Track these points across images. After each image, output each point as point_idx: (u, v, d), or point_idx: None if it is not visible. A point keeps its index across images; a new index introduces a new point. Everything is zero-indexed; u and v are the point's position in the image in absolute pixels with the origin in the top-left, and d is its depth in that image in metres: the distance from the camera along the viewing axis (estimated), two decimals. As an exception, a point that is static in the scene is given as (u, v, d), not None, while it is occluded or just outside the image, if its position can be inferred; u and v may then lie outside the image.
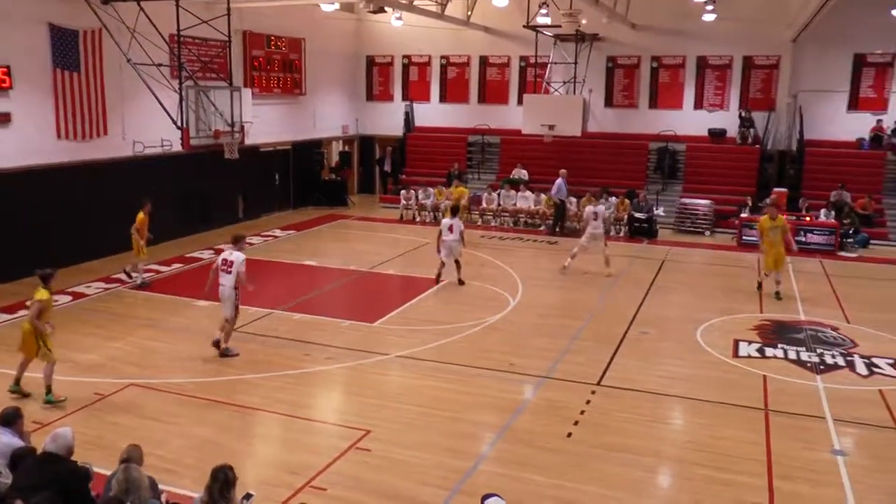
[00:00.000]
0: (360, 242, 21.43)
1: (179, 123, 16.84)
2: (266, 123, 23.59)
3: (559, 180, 23.00)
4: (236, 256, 11.97)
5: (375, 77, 30.34)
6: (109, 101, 18.40)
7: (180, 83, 16.66)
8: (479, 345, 12.78)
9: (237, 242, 12.25)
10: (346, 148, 30.07)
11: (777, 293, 16.14)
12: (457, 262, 16.66)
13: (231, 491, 5.80)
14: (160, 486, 6.71)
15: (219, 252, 18.83)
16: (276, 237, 21.70)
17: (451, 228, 16.57)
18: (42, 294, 9.86)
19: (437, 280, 16.58)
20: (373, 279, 17.31)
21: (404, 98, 29.86)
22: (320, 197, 26.99)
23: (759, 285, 16.62)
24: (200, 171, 20.89)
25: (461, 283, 16.58)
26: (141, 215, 15.85)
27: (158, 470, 7.61)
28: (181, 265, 17.99)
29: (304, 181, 26.87)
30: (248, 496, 6.12)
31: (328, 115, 28.23)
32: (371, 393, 10.69)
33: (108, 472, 6.30)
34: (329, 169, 28.54)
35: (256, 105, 21.80)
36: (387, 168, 29.53)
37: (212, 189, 21.86)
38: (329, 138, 28.89)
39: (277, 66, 24.81)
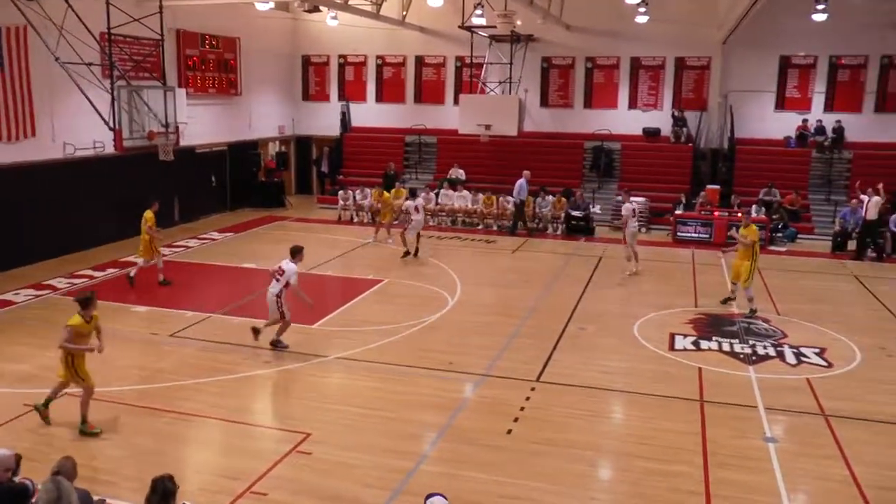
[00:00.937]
0: (299, 244, 21.23)
1: (112, 124, 16.54)
2: (201, 124, 23.26)
3: (521, 181, 23.09)
4: (289, 267, 12.15)
5: (311, 77, 30.18)
6: (37, 101, 17.87)
7: (112, 83, 16.35)
8: (419, 344, 12.85)
9: (294, 255, 12.43)
10: (283, 148, 29.81)
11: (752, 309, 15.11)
12: (418, 235, 18.97)
13: (171, 501, 5.72)
14: (97, 498, 6.62)
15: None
16: (213, 240, 21.44)
17: (416, 209, 18.77)
18: (74, 319, 9.21)
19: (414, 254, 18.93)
20: (312, 281, 17.16)
21: (340, 98, 29.79)
22: (259, 198, 26.76)
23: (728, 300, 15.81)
24: (134, 174, 20.47)
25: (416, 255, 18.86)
26: (150, 214, 16.02)
27: (96, 482, 7.52)
28: (116, 270, 17.62)
29: (240, 183, 26.55)
30: None
31: (264, 116, 27.98)
32: (311, 395, 10.68)
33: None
34: (266, 170, 28.25)
35: (191, 105, 21.49)
36: (324, 168, 29.38)
37: (146, 192, 21.33)
38: (265, 139, 28.61)
39: (212, 65, 24.49)
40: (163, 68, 18.82)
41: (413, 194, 20.06)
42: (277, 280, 12.14)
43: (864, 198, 20.83)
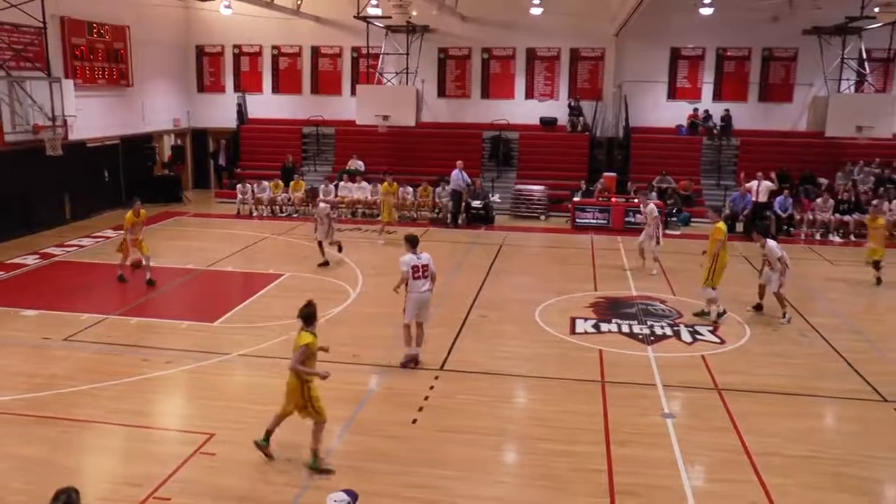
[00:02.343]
0: (197, 240, 20.86)
1: (-9, 118, 15.85)
2: (92, 117, 22.50)
3: (456, 171, 23.20)
4: (427, 258, 11.61)
5: (206, 68, 29.54)
6: None
7: (-11, 73, 15.64)
8: (322, 338, 12.64)
9: (416, 245, 11.73)
10: (179, 142, 29.04)
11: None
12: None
13: None
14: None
15: (46, 256, 18.07)
16: (108, 238, 20.68)
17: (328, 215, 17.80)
18: (307, 338, 8.36)
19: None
20: (212, 277, 16.92)
21: (236, 89, 29.28)
22: (155, 192, 25.96)
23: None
24: (19, 170, 19.62)
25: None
26: (129, 215, 15.47)
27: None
28: (2, 273, 16.85)
29: (135, 178, 25.72)
30: None
31: (158, 108, 27.23)
32: (214, 395, 10.51)
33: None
34: (161, 164, 27.49)
35: (80, 97, 20.79)
36: (221, 162, 28.78)
37: (34, 189, 20.57)
38: (160, 132, 27.82)
39: (101, 55, 23.58)
40: (47, 58, 18.05)
41: (314, 193, 19.51)
42: (426, 277, 11.56)
43: (754, 182, 21.93)
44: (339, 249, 18.07)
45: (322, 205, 17.87)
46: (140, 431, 9.40)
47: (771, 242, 14.04)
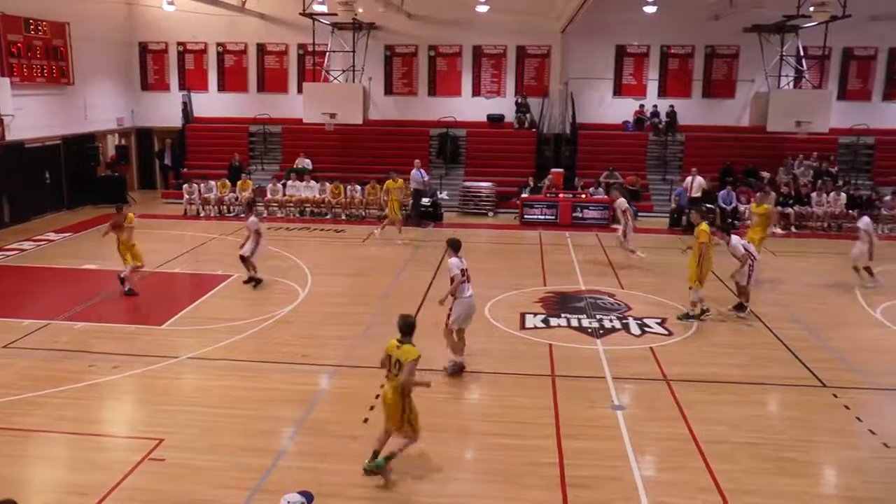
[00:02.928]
0: (144, 241, 20.29)
1: (-79, 118, 15.38)
2: (30, 116, 21.94)
3: (414, 170, 23.35)
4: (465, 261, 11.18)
5: (150, 65, 29.03)
6: None
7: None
8: (272, 339, 12.71)
9: (459, 248, 11.29)
10: (123, 141, 28.46)
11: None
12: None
13: None
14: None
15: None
16: (50, 241, 20.24)
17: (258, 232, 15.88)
18: (414, 351, 8.16)
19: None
20: (159, 279, 16.65)
21: (181, 87, 28.83)
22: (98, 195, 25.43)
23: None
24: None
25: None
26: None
27: None
28: (-62, 278, 16.39)
29: (78, 179, 25.18)
30: None
31: (101, 107, 26.65)
32: (162, 399, 10.36)
33: None
34: (105, 164, 26.94)
35: (17, 96, 20.28)
36: (167, 161, 28.34)
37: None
38: (104, 131, 27.22)
39: (40, 52, 22.89)
40: (-18, 56, 17.54)
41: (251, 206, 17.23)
42: (469, 281, 11.14)
43: (689, 178, 22.44)
44: (255, 285, 15.83)
45: (252, 219, 16.19)
46: (86, 439, 9.21)
47: (734, 239, 14.06)
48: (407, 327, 8.35)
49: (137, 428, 9.63)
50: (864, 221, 16.30)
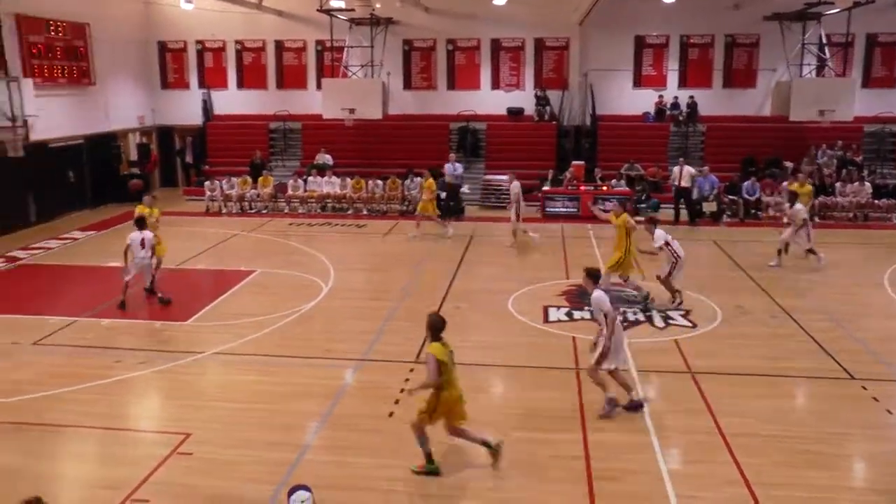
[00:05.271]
0: (167, 238, 20.50)
1: (-52, 119, 15.53)
2: (53, 117, 22.06)
3: (448, 164, 23.50)
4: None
5: (169, 64, 29.15)
6: None
7: (-59, 72, 15.27)
8: (295, 334, 12.77)
9: (599, 279, 10.15)
10: (145, 140, 28.64)
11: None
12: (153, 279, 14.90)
13: None
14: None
15: (11, 260, 17.80)
16: (75, 239, 20.43)
17: (142, 243, 14.25)
18: (435, 347, 8.07)
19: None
20: (183, 276, 16.75)
21: (201, 85, 28.93)
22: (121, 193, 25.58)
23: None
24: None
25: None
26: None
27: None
28: (-35, 276, 16.58)
29: (101, 178, 25.40)
30: None
31: (122, 106, 26.80)
32: (188, 394, 10.43)
33: None
34: (128, 163, 27.11)
35: (40, 97, 20.40)
36: (188, 159, 28.52)
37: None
38: (125, 130, 27.40)
39: (60, 53, 23.08)
40: (3, 57, 17.65)
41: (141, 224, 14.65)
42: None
43: (676, 168, 22.22)
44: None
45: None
46: (114, 434, 9.31)
47: (658, 231, 14.07)
48: (433, 326, 8.22)
49: (164, 423, 9.71)
50: None
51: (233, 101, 28.76)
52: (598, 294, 9.61)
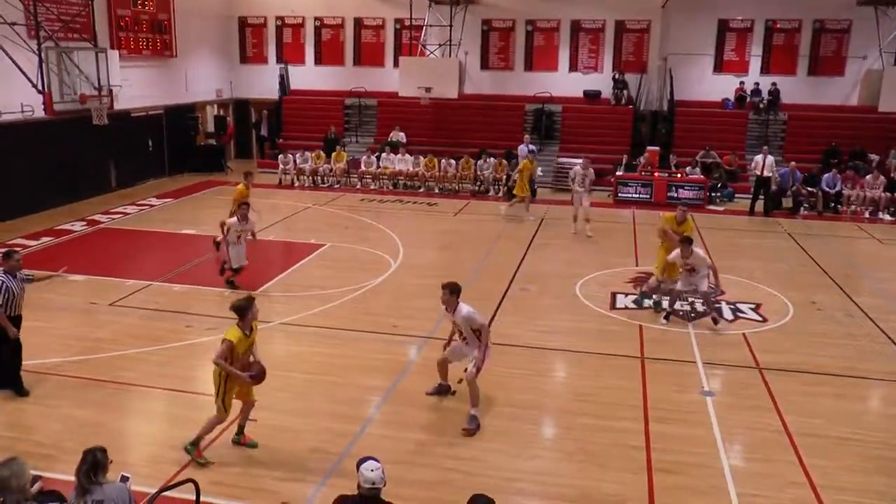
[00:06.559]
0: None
1: (40, 87, 16.02)
2: (136, 87, 22.72)
3: (522, 146, 23.62)
4: None
5: (249, 39, 29.58)
6: (-44, 63, 17.10)
7: (39, 44, 15.79)
8: (363, 308, 12.89)
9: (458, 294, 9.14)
10: (222, 112, 29.22)
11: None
12: None
13: (100, 474, 5.43)
14: (34, 474, 6.45)
15: (92, 223, 18.41)
16: (151, 206, 21.02)
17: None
18: (232, 333, 8.03)
19: None
20: (253, 246, 16.99)
21: (279, 60, 29.27)
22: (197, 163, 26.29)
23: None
24: (67, 139, 19.93)
25: None
26: (241, 187, 15.51)
27: (35, 456, 7.44)
28: (51, 238, 17.16)
29: (178, 147, 26.02)
30: (124, 479, 5.78)
31: (201, 79, 27.37)
32: (256, 362, 10.62)
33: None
34: (205, 134, 27.71)
35: (125, 68, 20.97)
36: (263, 132, 28.97)
37: (80, 157, 20.89)
38: (203, 102, 27.99)
39: (146, 26, 23.70)
40: (93, 29, 18.22)
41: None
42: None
43: (759, 157, 21.56)
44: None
45: (230, 220, 14.12)
46: (183, 396, 9.57)
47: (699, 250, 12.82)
48: (237, 308, 8.14)
49: (231, 389, 9.90)
50: None
51: (309, 76, 29.02)
52: (466, 310, 8.89)
